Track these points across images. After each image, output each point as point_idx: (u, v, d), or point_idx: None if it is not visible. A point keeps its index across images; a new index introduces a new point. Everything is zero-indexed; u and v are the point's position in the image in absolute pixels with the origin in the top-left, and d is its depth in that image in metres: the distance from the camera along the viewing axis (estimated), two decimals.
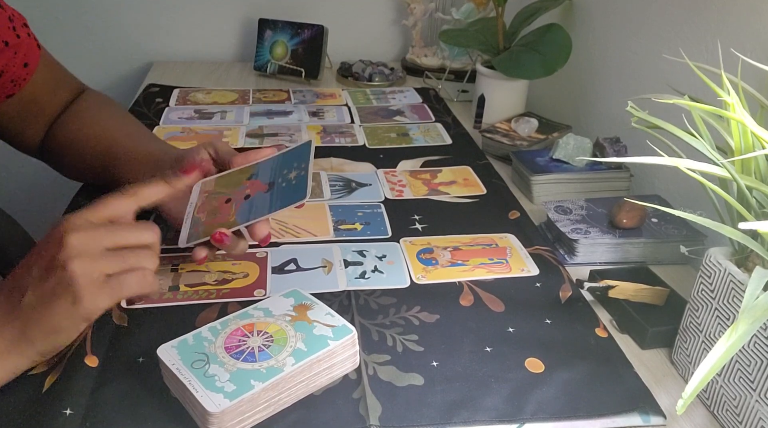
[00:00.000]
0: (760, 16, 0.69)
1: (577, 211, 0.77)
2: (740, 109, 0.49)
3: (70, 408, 0.50)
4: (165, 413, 0.50)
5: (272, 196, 0.59)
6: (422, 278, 0.68)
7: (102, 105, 0.84)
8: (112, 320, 0.60)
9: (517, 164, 0.90)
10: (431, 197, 0.85)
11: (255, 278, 0.67)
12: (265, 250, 0.72)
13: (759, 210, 0.51)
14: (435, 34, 1.42)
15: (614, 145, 0.85)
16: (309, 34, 1.29)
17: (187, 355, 0.51)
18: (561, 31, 0.99)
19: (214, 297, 0.64)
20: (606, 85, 1.02)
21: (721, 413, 0.53)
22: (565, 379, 0.55)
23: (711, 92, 0.53)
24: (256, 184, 0.61)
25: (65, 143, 0.79)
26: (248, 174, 0.62)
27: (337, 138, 1.03)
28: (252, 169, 0.63)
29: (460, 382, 0.54)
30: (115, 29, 1.38)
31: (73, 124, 0.80)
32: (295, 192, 0.58)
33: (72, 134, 0.79)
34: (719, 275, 0.52)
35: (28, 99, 0.77)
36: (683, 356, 0.57)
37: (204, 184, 0.64)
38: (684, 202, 0.81)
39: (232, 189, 0.62)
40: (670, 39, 0.85)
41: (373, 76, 1.30)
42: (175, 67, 1.36)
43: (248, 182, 0.62)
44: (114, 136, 0.78)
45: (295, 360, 0.51)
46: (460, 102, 1.24)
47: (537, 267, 0.71)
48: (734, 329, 0.40)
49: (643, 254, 0.73)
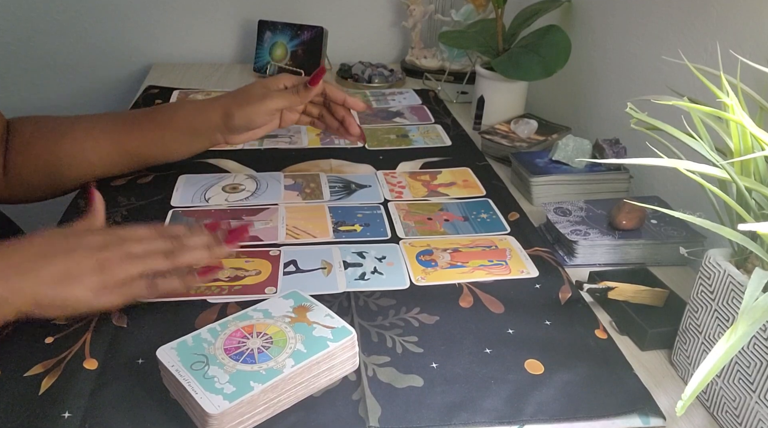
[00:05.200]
0: (759, 18, 0.69)
1: (577, 213, 0.77)
2: (739, 111, 0.49)
3: (68, 411, 0.50)
4: (164, 415, 0.50)
5: None
6: (422, 279, 0.68)
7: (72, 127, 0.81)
8: (111, 322, 0.60)
9: (516, 165, 0.90)
10: (431, 198, 0.85)
11: (267, 275, 0.68)
12: (279, 249, 0.72)
13: (758, 211, 0.51)
14: (434, 35, 1.42)
15: (613, 146, 0.85)
16: (308, 36, 1.29)
17: (186, 357, 0.51)
18: (560, 33, 0.99)
19: (226, 294, 0.64)
20: (605, 87, 1.02)
21: (720, 414, 0.53)
22: (565, 381, 0.55)
23: (710, 94, 0.54)
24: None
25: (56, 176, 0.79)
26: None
27: (336, 139, 1.03)
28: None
29: (460, 384, 0.54)
30: (114, 31, 1.38)
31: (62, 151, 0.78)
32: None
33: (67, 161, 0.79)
34: (719, 276, 0.52)
35: None
36: (683, 357, 0.57)
37: None
38: (683, 203, 0.81)
39: None
40: (669, 40, 0.85)
41: (373, 78, 1.30)
42: (174, 69, 1.36)
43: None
44: (126, 149, 0.80)
45: (294, 362, 0.51)
46: (460, 103, 1.24)
47: (536, 269, 0.71)
48: (734, 330, 0.40)
49: (642, 255, 0.73)
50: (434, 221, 0.80)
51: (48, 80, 1.39)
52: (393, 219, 0.80)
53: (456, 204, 0.84)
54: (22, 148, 0.77)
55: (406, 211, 0.81)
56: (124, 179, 0.85)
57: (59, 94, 1.41)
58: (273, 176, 0.89)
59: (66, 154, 0.78)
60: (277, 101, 0.77)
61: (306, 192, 0.86)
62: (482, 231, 0.78)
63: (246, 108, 0.76)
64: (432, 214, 0.81)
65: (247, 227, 0.63)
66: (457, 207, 0.83)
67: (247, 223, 0.76)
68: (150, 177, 0.87)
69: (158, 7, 1.37)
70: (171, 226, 0.71)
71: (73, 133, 0.78)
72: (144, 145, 0.81)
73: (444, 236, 0.77)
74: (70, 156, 0.78)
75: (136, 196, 0.82)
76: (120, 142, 0.80)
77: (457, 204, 0.84)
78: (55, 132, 0.78)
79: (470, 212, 0.82)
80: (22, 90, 1.40)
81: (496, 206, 0.84)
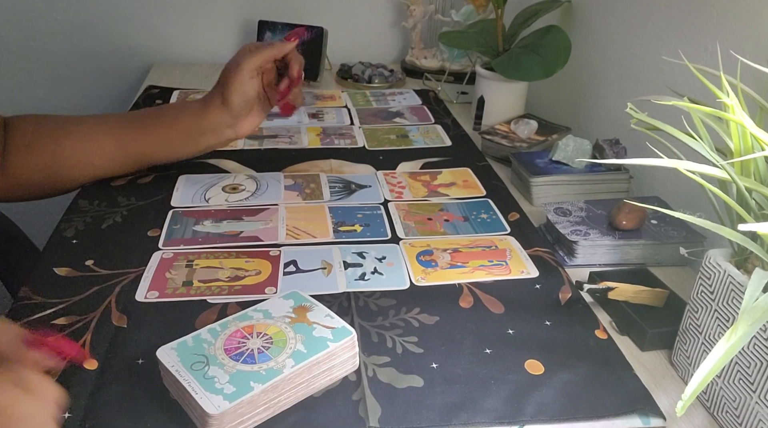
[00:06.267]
0: (759, 18, 0.69)
1: (577, 213, 0.77)
2: (739, 111, 0.49)
3: (68, 411, 0.50)
4: (164, 415, 0.50)
5: None
6: (422, 280, 0.68)
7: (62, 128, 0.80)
8: (111, 322, 0.60)
9: (516, 166, 0.90)
10: (431, 199, 0.85)
11: (267, 276, 0.68)
12: (279, 249, 0.72)
13: (758, 211, 0.51)
14: (434, 35, 1.42)
15: (614, 146, 0.85)
16: (308, 36, 1.29)
17: (186, 357, 0.51)
18: (560, 33, 0.99)
19: (227, 294, 0.64)
20: (605, 87, 1.02)
21: (720, 415, 0.53)
22: (565, 381, 0.55)
23: (710, 94, 0.54)
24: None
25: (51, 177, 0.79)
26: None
27: (336, 139, 1.03)
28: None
29: (460, 384, 0.54)
30: (114, 31, 1.38)
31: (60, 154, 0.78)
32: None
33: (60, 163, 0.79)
34: (719, 277, 0.52)
35: None
36: (683, 358, 0.57)
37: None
38: (683, 203, 0.81)
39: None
40: (669, 41, 0.85)
41: (373, 78, 1.30)
42: (174, 69, 1.36)
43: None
44: (130, 151, 0.80)
45: (294, 362, 0.51)
46: (460, 104, 1.24)
47: (536, 269, 0.71)
48: (734, 330, 0.40)
49: (642, 256, 0.73)
50: (434, 221, 0.80)
51: (48, 80, 1.39)
52: (393, 220, 0.80)
53: (456, 204, 0.84)
54: (22, 147, 0.76)
55: (406, 211, 0.81)
56: (124, 179, 0.85)
57: (59, 94, 1.41)
58: (273, 176, 0.89)
59: (68, 155, 0.78)
60: (254, 59, 0.78)
61: (306, 192, 0.86)
62: (482, 231, 0.78)
63: (233, 81, 0.78)
64: (432, 214, 0.81)
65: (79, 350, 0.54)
66: (457, 207, 0.83)
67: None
68: (150, 177, 0.87)
69: (158, 7, 1.37)
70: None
71: (76, 134, 0.78)
72: (150, 147, 0.81)
73: (444, 236, 0.77)
74: (72, 157, 0.78)
75: (137, 196, 0.82)
76: (125, 144, 0.80)
77: (457, 204, 0.84)
78: (57, 132, 0.78)
79: (470, 212, 0.82)
80: (22, 90, 1.40)
81: (496, 206, 0.84)
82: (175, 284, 0.66)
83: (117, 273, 0.67)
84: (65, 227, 0.74)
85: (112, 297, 0.63)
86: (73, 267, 0.68)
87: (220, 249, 0.72)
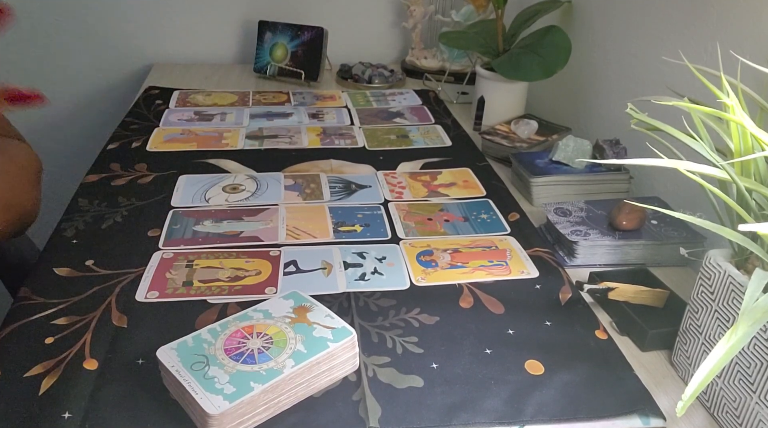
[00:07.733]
0: (759, 19, 0.69)
1: (577, 213, 0.77)
2: (740, 111, 0.49)
3: (68, 411, 0.50)
4: (165, 415, 0.50)
5: None
6: (422, 280, 0.68)
7: None
8: (111, 322, 0.60)
9: (516, 166, 0.90)
10: (431, 199, 0.85)
11: (267, 276, 0.68)
12: (279, 249, 0.72)
13: (758, 212, 0.51)
14: (435, 36, 1.42)
15: (614, 146, 0.85)
16: (309, 36, 1.29)
17: (186, 357, 0.51)
18: (560, 33, 0.99)
19: (227, 294, 0.64)
20: (606, 87, 1.02)
21: (720, 415, 0.53)
22: (565, 381, 0.55)
23: (710, 94, 0.54)
24: None
25: None
26: None
27: (336, 140, 1.03)
28: None
29: (460, 384, 0.54)
30: (115, 31, 1.38)
31: None
32: None
33: None
34: (719, 277, 0.52)
35: None
36: (683, 358, 0.57)
37: None
38: (684, 203, 0.81)
39: None
40: (669, 41, 0.85)
41: (373, 78, 1.30)
42: (174, 69, 1.36)
43: None
44: None
45: (294, 362, 0.51)
46: (460, 104, 1.24)
47: (537, 269, 0.71)
48: (734, 331, 0.40)
49: (642, 256, 0.73)
50: (434, 221, 0.80)
51: (48, 80, 1.39)
52: (393, 220, 0.80)
53: (456, 204, 0.84)
54: None
55: (406, 212, 0.81)
56: (125, 179, 0.85)
57: (60, 95, 1.41)
58: (273, 176, 0.89)
59: None
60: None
61: (306, 192, 0.86)
62: (482, 231, 0.78)
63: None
64: (432, 214, 0.81)
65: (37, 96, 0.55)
66: (458, 207, 0.83)
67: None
68: (150, 177, 0.87)
69: (159, 7, 1.37)
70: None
71: None
72: None
73: (444, 236, 0.77)
74: None
75: (137, 196, 0.82)
76: None
77: (458, 204, 0.84)
78: None
79: (470, 212, 0.82)
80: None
81: (496, 206, 0.84)
82: (175, 284, 0.66)
83: (117, 274, 0.67)
84: (65, 227, 0.74)
85: (112, 298, 0.63)
86: (73, 267, 0.68)
87: (220, 250, 0.72)
